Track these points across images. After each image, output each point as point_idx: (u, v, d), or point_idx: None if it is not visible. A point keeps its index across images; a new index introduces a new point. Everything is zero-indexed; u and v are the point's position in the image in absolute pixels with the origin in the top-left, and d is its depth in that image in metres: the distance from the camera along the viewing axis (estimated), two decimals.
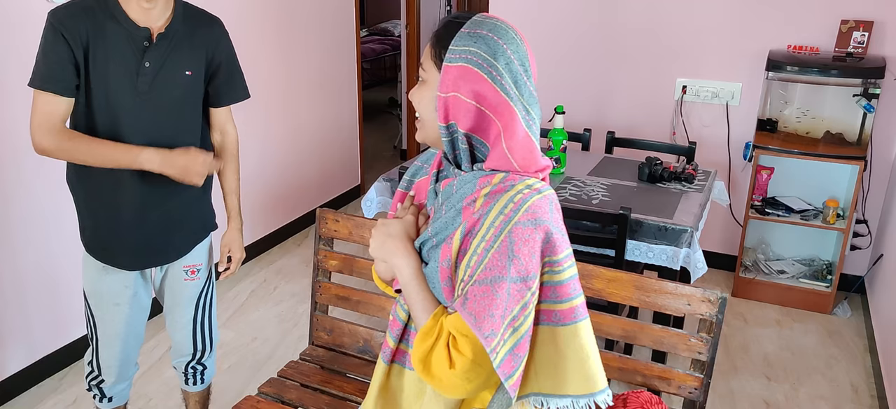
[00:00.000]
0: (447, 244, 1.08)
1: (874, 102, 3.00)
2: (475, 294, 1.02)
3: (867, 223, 3.38)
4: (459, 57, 1.05)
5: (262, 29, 3.64)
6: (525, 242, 1.02)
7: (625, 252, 2.35)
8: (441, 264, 1.08)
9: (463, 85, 1.05)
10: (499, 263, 1.02)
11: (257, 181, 3.80)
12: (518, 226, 1.02)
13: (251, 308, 3.34)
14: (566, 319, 1.07)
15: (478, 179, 1.08)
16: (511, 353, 1.03)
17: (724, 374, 2.85)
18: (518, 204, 1.03)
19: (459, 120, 1.07)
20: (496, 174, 1.08)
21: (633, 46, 3.59)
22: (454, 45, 1.06)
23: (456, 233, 1.07)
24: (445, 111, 1.07)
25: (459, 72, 1.05)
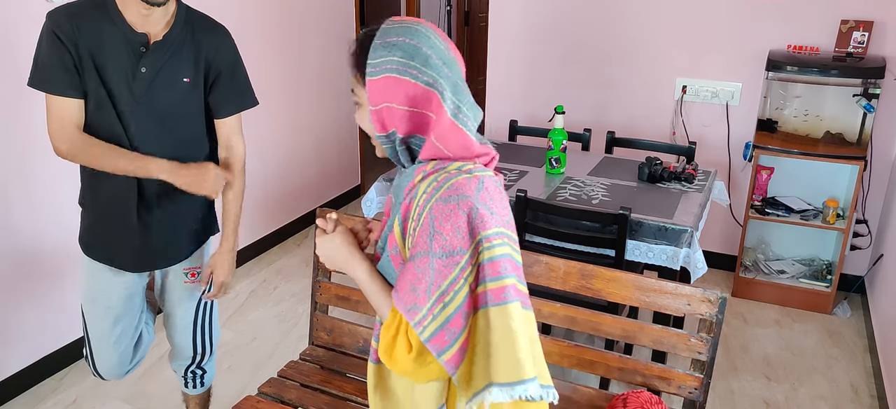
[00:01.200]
0: (391, 233, 1.16)
1: (874, 102, 3.00)
2: (403, 273, 1.09)
3: (867, 223, 3.38)
4: (379, 69, 1.09)
5: (262, 29, 3.64)
6: (446, 217, 1.05)
7: (625, 252, 2.35)
8: (390, 253, 1.16)
9: (391, 94, 1.09)
10: (421, 239, 1.06)
11: (257, 181, 3.80)
12: (438, 202, 1.06)
13: (251, 308, 3.35)
14: (496, 298, 1.04)
15: (415, 169, 1.14)
16: (443, 328, 1.04)
17: (724, 374, 2.85)
18: (441, 183, 1.08)
19: (398, 126, 1.12)
20: (429, 163, 1.13)
21: (633, 46, 3.59)
22: (371, 60, 1.10)
23: (396, 220, 1.15)
24: (381, 123, 1.12)
25: (383, 83, 1.09)
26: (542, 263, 1.82)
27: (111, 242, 1.83)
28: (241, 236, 3.84)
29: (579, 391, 1.87)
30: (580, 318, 1.81)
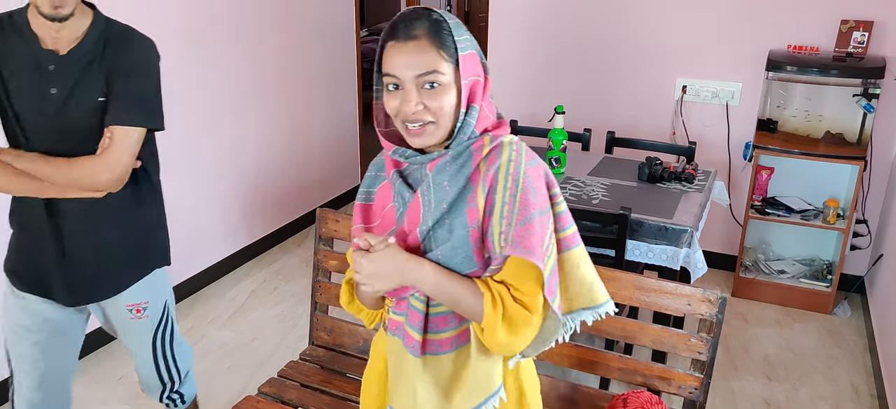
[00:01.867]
0: (471, 209, 1.14)
1: (874, 102, 3.00)
2: (521, 235, 1.11)
3: (867, 223, 3.38)
4: (466, 46, 1.14)
5: (262, 29, 3.64)
6: (536, 178, 1.15)
7: (625, 252, 2.35)
8: (471, 228, 1.14)
9: (478, 67, 1.16)
10: (528, 202, 1.12)
11: (257, 181, 3.80)
12: (529, 166, 1.15)
13: (251, 308, 3.35)
14: (571, 244, 1.19)
15: (472, 145, 1.15)
16: (551, 276, 1.14)
17: (724, 374, 2.85)
18: (518, 151, 1.16)
19: (477, 98, 1.16)
20: (485, 137, 1.16)
21: (634, 46, 3.59)
22: (459, 37, 1.13)
23: (476, 194, 1.14)
24: (471, 95, 1.15)
25: (471, 58, 1.14)
26: None
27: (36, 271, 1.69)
28: (240, 236, 3.87)
29: (579, 391, 1.87)
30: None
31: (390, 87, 1.13)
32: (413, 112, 1.11)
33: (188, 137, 3.27)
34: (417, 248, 1.18)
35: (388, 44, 1.13)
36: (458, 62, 1.12)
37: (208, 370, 2.84)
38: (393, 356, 1.28)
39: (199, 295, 3.44)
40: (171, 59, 3.09)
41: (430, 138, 1.14)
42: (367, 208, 1.28)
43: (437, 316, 1.21)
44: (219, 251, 3.58)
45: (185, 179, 3.28)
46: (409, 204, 1.18)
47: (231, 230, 3.66)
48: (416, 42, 1.10)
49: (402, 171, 1.21)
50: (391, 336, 1.28)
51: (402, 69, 1.11)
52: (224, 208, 3.58)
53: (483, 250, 1.16)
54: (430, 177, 1.15)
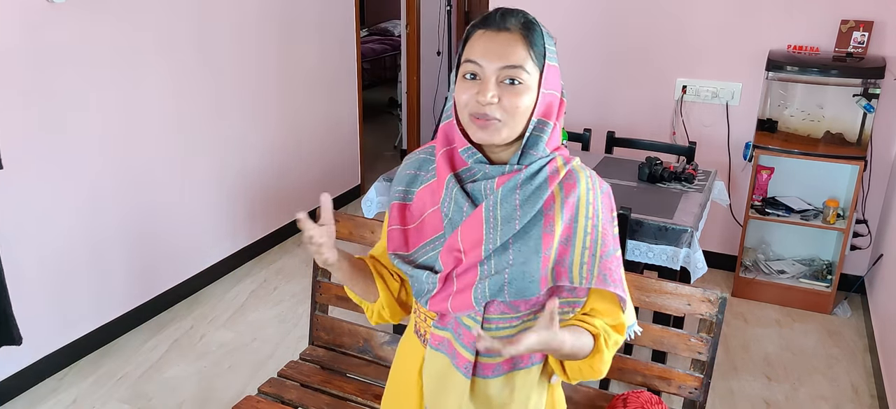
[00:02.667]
0: (547, 234, 1.09)
1: (874, 102, 3.00)
2: (609, 268, 1.12)
3: (867, 223, 3.38)
4: (553, 56, 1.12)
5: (262, 29, 3.64)
6: (610, 209, 1.17)
7: (625, 252, 2.35)
8: (544, 254, 1.09)
9: (558, 84, 1.14)
10: (607, 234, 1.13)
11: (257, 181, 3.80)
12: (603, 195, 1.15)
13: (251, 308, 3.34)
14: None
15: (546, 166, 1.11)
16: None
17: (724, 374, 2.85)
18: (593, 179, 1.15)
19: (549, 115, 1.12)
20: (556, 159, 1.13)
21: (634, 46, 3.59)
22: (549, 45, 1.11)
23: (553, 220, 1.10)
24: (548, 108, 1.11)
25: (556, 72, 1.13)
26: None
27: None
28: (240, 236, 3.88)
29: (579, 391, 1.87)
30: None
31: (467, 75, 1.08)
32: (487, 102, 1.05)
33: (188, 137, 3.27)
34: (474, 267, 1.11)
35: (477, 32, 1.09)
36: (543, 69, 1.09)
37: (208, 370, 2.84)
38: (433, 370, 1.20)
39: (199, 295, 3.44)
40: (172, 59, 3.10)
41: (493, 135, 1.07)
42: (404, 207, 1.21)
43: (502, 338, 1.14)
44: (219, 251, 3.58)
45: (186, 179, 3.28)
46: (466, 217, 1.11)
47: (231, 230, 3.66)
48: (508, 34, 1.07)
49: (460, 176, 1.14)
50: (433, 351, 1.20)
51: (487, 57, 1.06)
52: (224, 207, 3.58)
53: (554, 276, 1.11)
54: (499, 194, 1.09)
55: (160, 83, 3.06)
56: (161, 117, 3.09)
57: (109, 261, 2.95)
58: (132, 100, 2.93)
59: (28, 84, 2.50)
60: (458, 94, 1.09)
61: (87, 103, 2.73)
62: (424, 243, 1.17)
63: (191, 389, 2.73)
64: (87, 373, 2.81)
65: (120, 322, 3.04)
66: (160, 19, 3.00)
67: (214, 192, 3.50)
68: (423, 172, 1.21)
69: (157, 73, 3.03)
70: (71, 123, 2.68)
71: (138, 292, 3.13)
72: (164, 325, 3.17)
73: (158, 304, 3.24)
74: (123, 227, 2.99)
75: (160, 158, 3.13)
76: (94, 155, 2.80)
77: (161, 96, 3.07)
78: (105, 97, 2.80)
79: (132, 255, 3.05)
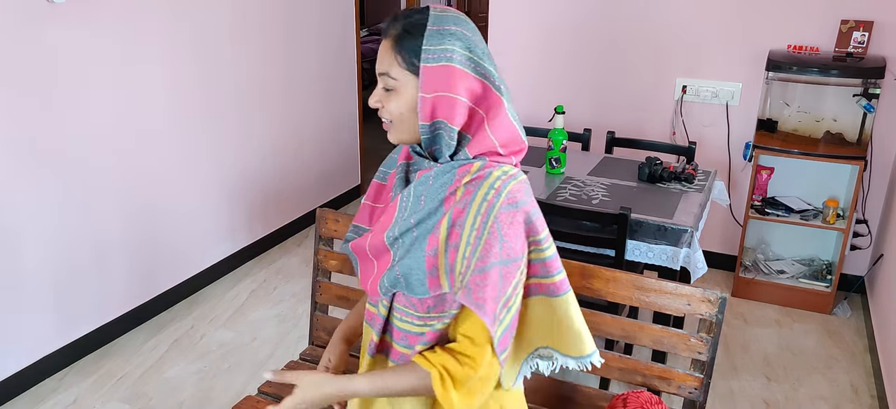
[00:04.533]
0: (433, 234, 1.11)
1: (874, 102, 3.00)
2: (476, 283, 1.07)
3: (867, 223, 3.38)
4: (439, 57, 1.07)
5: (262, 29, 3.64)
6: (510, 224, 1.08)
7: (625, 252, 2.34)
8: (427, 254, 1.11)
9: (452, 85, 1.08)
10: (490, 248, 1.07)
11: (257, 181, 3.80)
12: (502, 211, 1.07)
13: (251, 308, 3.35)
14: (558, 291, 1.15)
15: (457, 168, 1.11)
16: (506, 331, 1.11)
17: (724, 374, 2.85)
18: (498, 190, 1.08)
19: (450, 117, 1.09)
20: (474, 163, 1.11)
21: (634, 46, 3.59)
22: (429, 46, 1.08)
23: (442, 222, 1.10)
24: (432, 111, 1.09)
25: (443, 72, 1.07)
26: None
27: None
28: (240, 236, 3.88)
29: (579, 391, 1.87)
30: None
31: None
32: (373, 106, 1.16)
33: (188, 137, 3.27)
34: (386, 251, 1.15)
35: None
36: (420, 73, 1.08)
37: (208, 370, 2.84)
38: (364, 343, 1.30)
39: (199, 295, 3.44)
40: (172, 58, 3.10)
41: (392, 136, 1.17)
42: (380, 187, 1.29)
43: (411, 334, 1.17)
44: (219, 251, 3.59)
45: (186, 179, 3.28)
46: (390, 204, 1.18)
47: (231, 230, 3.66)
48: (384, 41, 1.12)
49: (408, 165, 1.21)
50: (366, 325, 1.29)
51: (376, 65, 1.15)
52: (224, 207, 3.58)
53: (439, 279, 1.11)
54: (413, 186, 1.14)
55: (160, 83, 3.06)
56: (161, 117, 3.09)
57: (110, 261, 2.95)
58: (132, 100, 2.93)
59: (28, 84, 2.50)
60: None
61: (87, 103, 2.73)
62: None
63: (191, 389, 2.73)
64: (87, 373, 2.81)
65: (120, 322, 3.05)
66: (160, 19, 3.00)
67: (215, 192, 3.50)
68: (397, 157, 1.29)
69: (158, 72, 3.03)
70: (71, 122, 2.68)
71: (138, 292, 3.13)
72: (164, 325, 3.17)
73: (158, 304, 3.24)
74: (123, 227, 2.99)
75: (161, 158, 3.13)
76: (95, 155, 2.80)
77: (161, 96, 3.07)
78: (105, 97, 2.80)
79: (132, 255, 3.06)
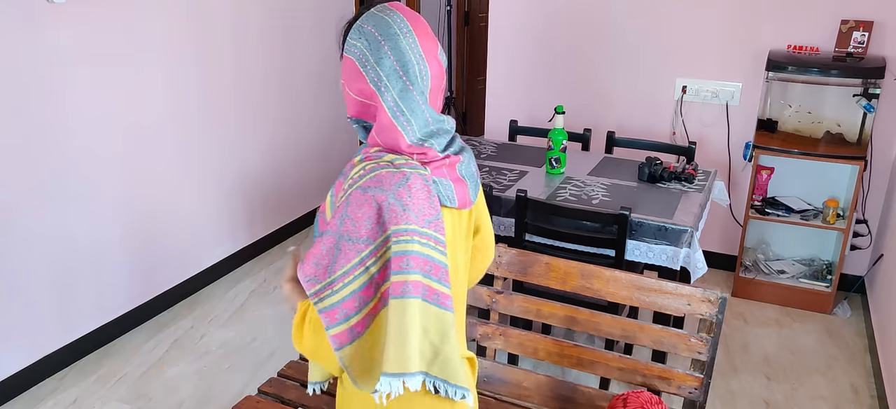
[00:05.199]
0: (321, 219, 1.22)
1: (874, 102, 3.00)
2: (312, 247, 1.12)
3: (867, 223, 3.38)
4: (348, 50, 1.16)
5: (262, 29, 3.64)
6: (360, 205, 1.08)
7: (625, 252, 2.35)
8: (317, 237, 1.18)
9: (349, 78, 1.17)
10: (334, 220, 1.10)
11: (257, 181, 3.80)
12: (357, 190, 1.09)
13: (251, 308, 3.35)
14: (395, 292, 1.07)
15: (361, 150, 1.20)
16: (337, 306, 1.09)
17: (724, 374, 2.85)
18: (367, 171, 1.11)
19: (349, 108, 1.21)
20: (373, 148, 1.18)
21: (633, 46, 3.59)
22: (349, 38, 1.16)
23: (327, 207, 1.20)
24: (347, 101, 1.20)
25: (347, 65, 1.16)
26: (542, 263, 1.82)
27: None
28: (240, 236, 3.88)
29: (579, 391, 1.87)
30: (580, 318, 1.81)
31: None
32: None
33: (188, 137, 3.27)
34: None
35: None
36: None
37: (208, 370, 2.84)
38: None
39: (199, 295, 3.44)
40: (172, 59, 3.10)
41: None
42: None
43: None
44: (219, 251, 3.58)
45: (186, 179, 3.28)
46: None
47: (231, 230, 3.66)
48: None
49: None
50: None
51: None
52: (224, 207, 3.58)
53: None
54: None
55: (161, 83, 3.06)
56: (161, 117, 3.09)
57: (110, 261, 2.95)
58: (132, 100, 2.93)
59: (28, 84, 2.50)
60: None
61: (87, 103, 2.73)
62: None
63: (191, 389, 2.73)
64: (87, 373, 2.81)
65: (120, 322, 3.05)
66: (160, 19, 3.00)
67: (214, 192, 3.50)
68: None
69: (158, 72, 3.03)
70: (71, 122, 2.68)
71: (138, 292, 3.13)
72: (164, 325, 3.17)
73: (158, 304, 3.24)
74: (123, 227, 2.99)
75: (161, 158, 3.13)
76: (95, 155, 2.80)
77: (161, 96, 3.07)
78: (105, 97, 2.80)
79: (132, 255, 3.06)
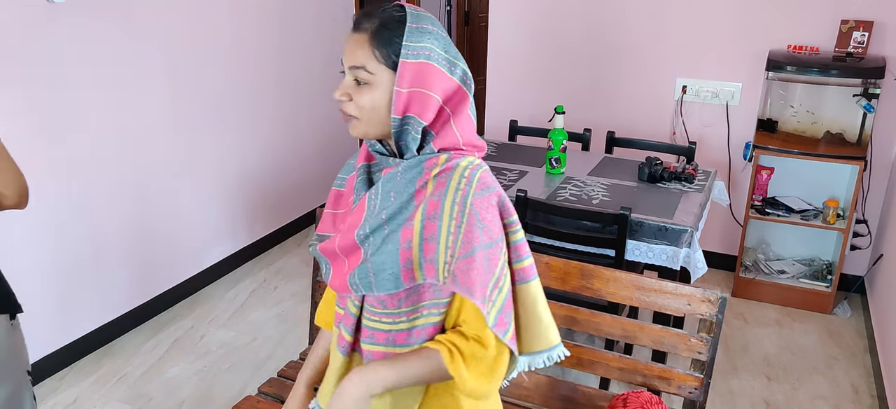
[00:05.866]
0: (407, 227, 1.12)
1: (874, 102, 3.00)
2: (461, 269, 1.08)
3: (867, 223, 3.38)
4: (417, 54, 1.09)
5: (261, 29, 3.64)
6: (486, 208, 1.10)
7: (625, 252, 2.34)
8: (402, 247, 1.11)
9: (428, 82, 1.10)
10: (472, 234, 1.09)
11: (257, 181, 3.80)
12: (477, 196, 1.10)
13: (251, 308, 3.35)
14: (527, 277, 1.16)
15: (424, 162, 1.12)
16: (501, 312, 1.11)
17: (724, 374, 2.85)
18: (469, 178, 1.11)
19: (421, 113, 1.11)
20: (440, 156, 1.13)
21: (633, 46, 3.59)
22: (408, 42, 1.09)
23: (416, 215, 1.11)
24: (406, 105, 1.10)
25: (421, 68, 1.09)
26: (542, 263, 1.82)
27: None
28: (240, 236, 3.88)
29: (579, 391, 1.87)
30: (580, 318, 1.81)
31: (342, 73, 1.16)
32: (338, 99, 1.14)
33: (188, 137, 3.27)
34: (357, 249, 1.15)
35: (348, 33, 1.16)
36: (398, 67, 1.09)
37: (208, 370, 2.84)
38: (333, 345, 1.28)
39: (199, 295, 3.44)
40: (172, 59, 3.10)
41: (355, 130, 1.15)
42: (339, 194, 1.28)
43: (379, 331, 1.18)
44: (219, 251, 3.59)
45: (186, 179, 3.28)
46: (356, 204, 1.18)
47: (231, 230, 3.66)
48: (357, 35, 1.11)
49: (370, 166, 1.21)
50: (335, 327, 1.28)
51: (345, 57, 1.13)
52: (224, 207, 3.58)
53: (412, 272, 1.12)
54: (380, 183, 1.14)
55: (160, 83, 3.06)
56: (161, 117, 3.09)
57: (110, 261, 2.95)
58: (132, 99, 2.93)
59: (28, 84, 2.50)
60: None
61: (87, 103, 2.73)
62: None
63: (191, 389, 2.73)
64: (87, 373, 2.81)
65: (120, 322, 3.05)
66: (160, 19, 3.00)
67: (214, 192, 3.50)
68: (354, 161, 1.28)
69: (158, 72, 3.03)
70: (71, 122, 2.68)
71: (138, 292, 3.13)
72: (164, 325, 3.17)
73: (158, 304, 3.24)
74: (124, 226, 2.99)
75: (160, 158, 3.13)
76: (95, 155, 2.80)
77: (161, 96, 3.07)
78: (105, 97, 2.80)
79: (132, 255, 3.06)
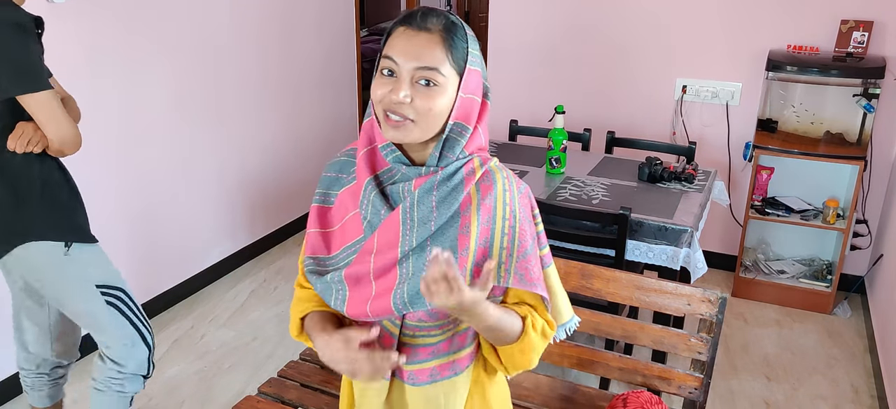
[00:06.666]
0: (463, 235, 1.09)
1: (874, 102, 3.00)
2: (523, 268, 1.12)
3: (867, 223, 3.38)
4: (474, 60, 1.10)
5: (262, 29, 3.64)
6: (527, 207, 1.16)
7: (625, 252, 2.35)
8: (461, 255, 1.08)
9: (477, 87, 1.12)
10: (524, 235, 1.13)
11: (258, 181, 3.80)
12: (522, 195, 1.15)
13: (251, 308, 3.35)
14: (546, 263, 1.21)
15: (462, 168, 1.10)
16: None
17: (724, 374, 2.85)
18: (509, 180, 1.15)
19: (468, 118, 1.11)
20: (473, 160, 1.12)
21: (633, 46, 3.59)
22: (473, 48, 1.10)
23: (470, 221, 1.09)
24: (466, 111, 1.10)
25: (477, 75, 1.11)
26: None
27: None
28: (240, 236, 3.88)
29: (579, 391, 1.87)
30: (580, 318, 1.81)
31: (385, 72, 1.07)
32: (398, 102, 1.04)
33: (189, 137, 3.27)
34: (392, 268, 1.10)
35: (398, 28, 1.07)
36: (463, 73, 1.07)
37: (208, 370, 2.84)
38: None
39: (199, 295, 3.44)
40: (172, 59, 3.10)
41: (405, 135, 1.06)
42: (324, 211, 1.20)
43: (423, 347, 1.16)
44: (219, 251, 3.59)
45: (186, 179, 3.28)
46: (384, 220, 1.10)
47: (231, 230, 3.66)
48: (427, 34, 1.05)
49: (380, 178, 1.14)
50: None
51: (404, 56, 1.04)
52: (224, 207, 3.58)
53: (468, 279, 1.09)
54: (416, 195, 1.08)
55: (160, 83, 3.06)
56: (161, 117, 3.09)
57: None
58: (132, 99, 2.93)
59: None
60: (374, 89, 1.08)
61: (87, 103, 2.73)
62: (346, 247, 1.16)
63: (191, 389, 2.73)
64: (87, 373, 2.80)
65: None
66: (160, 19, 3.00)
67: (214, 192, 3.50)
68: (344, 175, 1.20)
69: (158, 72, 3.03)
70: None
71: (138, 292, 3.11)
72: (164, 325, 3.17)
73: (158, 303, 3.24)
74: (123, 227, 2.99)
75: (160, 158, 3.13)
76: (94, 155, 2.80)
77: (161, 96, 3.07)
78: (105, 97, 2.80)
79: (132, 254, 3.05)
